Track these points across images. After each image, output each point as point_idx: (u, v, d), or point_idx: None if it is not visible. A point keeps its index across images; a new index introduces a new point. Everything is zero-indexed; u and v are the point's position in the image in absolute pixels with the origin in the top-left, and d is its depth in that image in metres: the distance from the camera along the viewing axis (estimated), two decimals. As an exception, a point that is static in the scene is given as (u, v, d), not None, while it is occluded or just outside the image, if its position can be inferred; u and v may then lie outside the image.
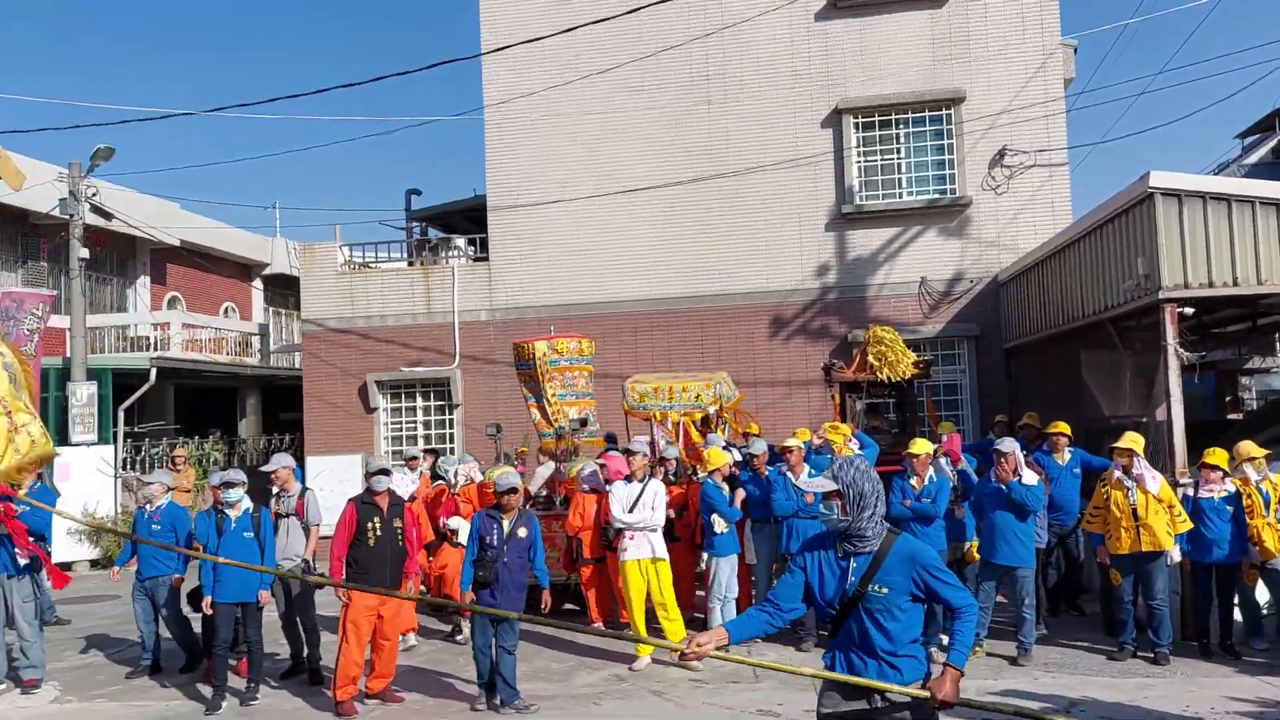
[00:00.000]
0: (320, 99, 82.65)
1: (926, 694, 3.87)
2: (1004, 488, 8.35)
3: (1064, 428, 9.86)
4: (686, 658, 4.01)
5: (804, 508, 9.06)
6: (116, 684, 8.88)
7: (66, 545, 15.74)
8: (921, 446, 8.82)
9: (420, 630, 10.24)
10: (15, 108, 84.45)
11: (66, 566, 15.08)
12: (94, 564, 16.51)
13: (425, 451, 12.23)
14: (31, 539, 8.70)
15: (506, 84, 17.23)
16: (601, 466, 9.91)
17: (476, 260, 17.99)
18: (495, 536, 7.63)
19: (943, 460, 9.18)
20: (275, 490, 8.97)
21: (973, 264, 15.90)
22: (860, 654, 4.04)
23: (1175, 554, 8.35)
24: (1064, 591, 10.23)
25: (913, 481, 8.74)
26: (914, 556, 4.02)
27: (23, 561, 8.66)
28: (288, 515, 8.76)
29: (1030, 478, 8.42)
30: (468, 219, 20.82)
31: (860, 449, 9.83)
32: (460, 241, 18.83)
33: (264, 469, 9.18)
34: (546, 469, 12.12)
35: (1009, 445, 8.51)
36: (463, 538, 10.16)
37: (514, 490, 7.80)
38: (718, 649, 3.99)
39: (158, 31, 78.66)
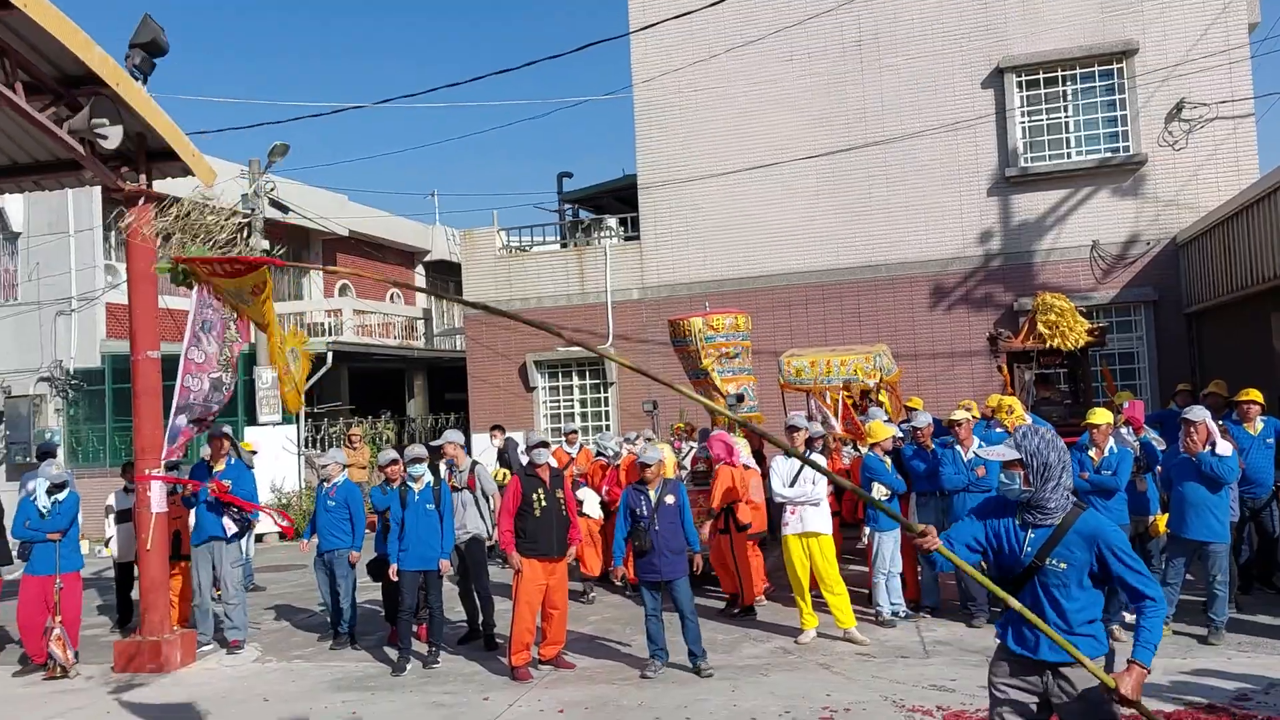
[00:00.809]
0: (474, 87, 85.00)
1: (1110, 680, 3.67)
2: (1193, 459, 7.90)
3: (1256, 395, 9.25)
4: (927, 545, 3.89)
5: (975, 481, 8.83)
6: (310, 646, 9.48)
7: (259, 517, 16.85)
8: (1102, 416, 8.42)
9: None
10: (200, 108, 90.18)
11: (259, 538, 16.19)
12: (282, 536, 17.63)
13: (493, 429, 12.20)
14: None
15: (655, 62, 17.31)
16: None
17: (628, 239, 18.20)
18: (644, 507, 7.97)
19: (1124, 430, 8.76)
20: (447, 465, 9.37)
21: (1149, 225, 15.06)
22: (1032, 628, 3.87)
23: None
24: (1257, 568, 9.63)
25: (1091, 453, 8.36)
26: (1098, 534, 3.81)
27: (231, 530, 9.33)
28: (461, 489, 9.14)
29: (1225, 448, 7.91)
30: (618, 199, 21.08)
31: None
32: (611, 222, 19.09)
33: (434, 443, 9.60)
34: (687, 446, 12.46)
35: (1199, 414, 8.01)
36: (588, 509, 10.63)
37: (653, 463, 8.03)
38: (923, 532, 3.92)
39: (325, 29, 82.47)
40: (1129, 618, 8.53)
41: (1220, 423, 8.68)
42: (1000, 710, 4.02)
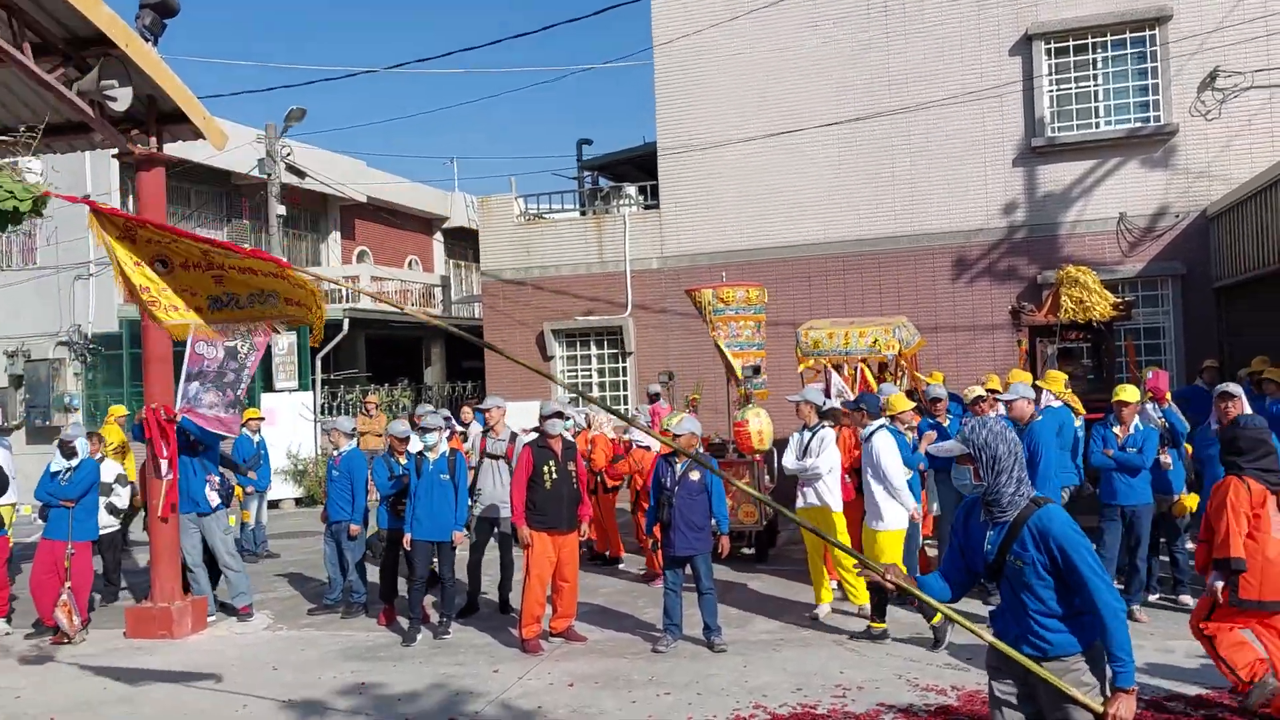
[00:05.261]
0: (493, 51, 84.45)
1: (1098, 708, 3.61)
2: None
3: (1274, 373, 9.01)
4: (887, 584, 4.00)
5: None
6: (322, 614, 9.45)
7: (275, 484, 16.88)
8: (1131, 393, 8.21)
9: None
10: (216, 71, 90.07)
11: (274, 504, 16.22)
12: (299, 502, 17.70)
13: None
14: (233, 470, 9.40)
15: (676, 25, 17.02)
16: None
17: (647, 208, 18.00)
18: (669, 479, 7.88)
19: (1149, 406, 8.55)
20: (485, 429, 9.37)
21: (1178, 197, 14.73)
22: (1010, 622, 3.85)
23: None
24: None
25: (1116, 430, 8.17)
26: (1049, 532, 3.68)
27: (214, 502, 9.24)
28: (498, 458, 9.06)
29: None
30: (638, 167, 20.84)
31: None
32: (631, 190, 18.88)
33: (480, 406, 9.52)
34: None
35: (1237, 389, 7.72)
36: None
37: (682, 435, 7.97)
38: (908, 585, 4.01)
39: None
40: (1151, 597, 8.39)
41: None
42: (998, 705, 3.97)
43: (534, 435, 9.15)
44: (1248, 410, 7.63)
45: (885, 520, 7.86)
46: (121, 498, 10.11)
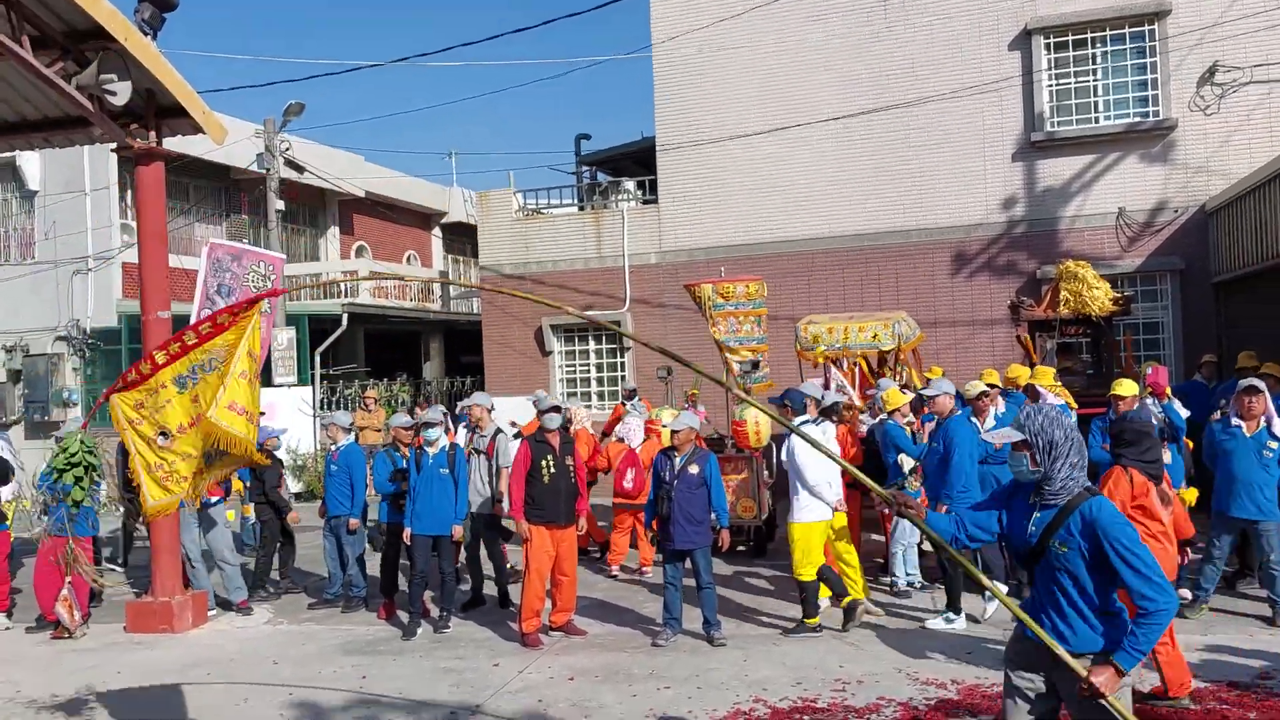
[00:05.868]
0: (492, 46, 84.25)
1: (1083, 669, 3.56)
2: (1247, 435, 7.46)
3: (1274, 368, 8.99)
4: (897, 505, 3.99)
5: (992, 454, 8.66)
6: (322, 609, 9.47)
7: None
8: (1128, 388, 8.22)
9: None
10: (216, 66, 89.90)
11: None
12: (298, 497, 17.67)
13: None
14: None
15: (675, 20, 17.00)
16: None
17: (646, 203, 18.00)
18: (668, 473, 7.93)
19: (1149, 401, 8.55)
20: (468, 428, 9.34)
21: (1177, 192, 14.73)
22: (1041, 609, 3.83)
23: None
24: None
25: (1115, 424, 8.17)
26: (1098, 522, 3.64)
27: (213, 498, 9.25)
28: (479, 453, 9.09)
29: None
30: (636, 162, 20.82)
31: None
32: (629, 184, 18.86)
33: (462, 403, 9.56)
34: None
35: (1261, 384, 7.60)
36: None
37: (680, 430, 8.01)
38: (918, 516, 4.00)
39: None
40: (1186, 593, 8.33)
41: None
42: (1012, 694, 3.94)
43: (513, 431, 9.13)
44: (1270, 405, 7.60)
45: (799, 514, 8.00)
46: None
